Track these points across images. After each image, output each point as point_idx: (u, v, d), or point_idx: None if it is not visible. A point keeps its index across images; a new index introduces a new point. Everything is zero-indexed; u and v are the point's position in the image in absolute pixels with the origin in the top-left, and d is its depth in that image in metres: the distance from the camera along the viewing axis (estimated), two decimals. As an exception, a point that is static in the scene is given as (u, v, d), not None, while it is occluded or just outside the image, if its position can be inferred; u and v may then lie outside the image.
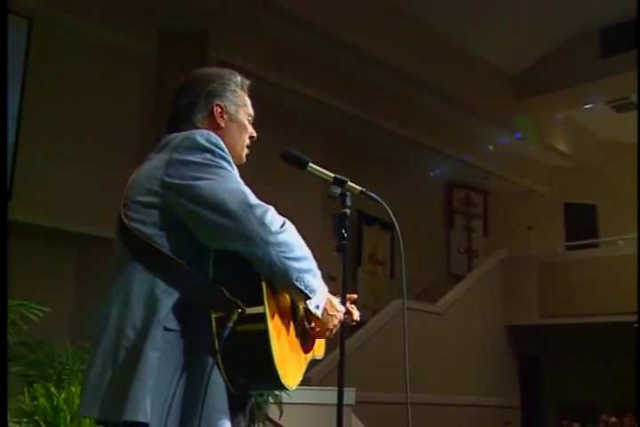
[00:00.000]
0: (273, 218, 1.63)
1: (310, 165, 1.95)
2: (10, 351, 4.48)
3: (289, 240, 1.65)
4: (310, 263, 1.71)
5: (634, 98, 11.58)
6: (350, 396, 6.75)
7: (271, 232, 1.61)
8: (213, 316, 1.61)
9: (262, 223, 1.61)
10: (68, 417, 3.85)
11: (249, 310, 1.60)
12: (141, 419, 1.53)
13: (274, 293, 1.69)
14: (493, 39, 10.48)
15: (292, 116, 9.82)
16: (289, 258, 1.63)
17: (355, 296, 2.03)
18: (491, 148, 12.17)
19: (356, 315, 2.05)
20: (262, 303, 1.62)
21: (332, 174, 1.94)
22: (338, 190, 1.92)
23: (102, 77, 7.85)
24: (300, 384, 1.82)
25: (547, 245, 12.72)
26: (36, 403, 3.93)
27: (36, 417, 3.89)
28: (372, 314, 9.99)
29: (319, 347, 1.98)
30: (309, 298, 1.70)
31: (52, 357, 4.59)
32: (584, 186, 13.69)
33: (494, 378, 11.46)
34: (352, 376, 1.87)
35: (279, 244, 1.62)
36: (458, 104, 10.84)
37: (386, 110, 10.41)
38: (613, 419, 9.80)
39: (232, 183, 1.67)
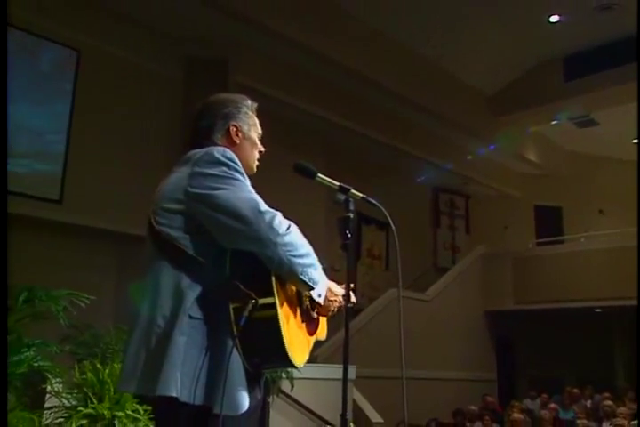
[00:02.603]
0: (280, 222, 1.65)
1: (319, 175, 1.95)
2: (62, 333, 4.53)
3: (294, 240, 1.66)
4: (312, 259, 1.72)
5: (593, 115, 11.61)
6: (352, 372, 6.79)
7: (278, 234, 1.62)
8: (231, 306, 1.62)
9: (271, 227, 1.62)
10: (112, 389, 3.89)
11: (261, 301, 1.61)
12: (173, 393, 1.55)
13: (282, 285, 1.71)
14: (473, 65, 10.52)
15: (300, 130, 9.83)
16: (294, 256, 1.65)
17: (352, 285, 2.05)
18: (469, 157, 12.18)
19: (353, 298, 2.07)
20: (272, 295, 1.63)
21: (337, 183, 1.94)
22: (342, 197, 1.93)
23: (137, 98, 7.92)
24: (309, 362, 1.84)
25: (520, 241, 12.70)
26: (84, 377, 3.98)
27: (84, 389, 3.94)
28: (369, 302, 9.99)
29: (322, 330, 1.99)
30: (313, 289, 1.74)
31: (97, 338, 4.64)
32: (551, 191, 13.68)
33: (474, 356, 11.47)
34: (353, 355, 1.89)
35: (285, 244, 1.63)
36: (443, 120, 10.84)
37: (380, 125, 10.42)
38: (576, 390, 9.79)
39: (245, 192, 1.68)
